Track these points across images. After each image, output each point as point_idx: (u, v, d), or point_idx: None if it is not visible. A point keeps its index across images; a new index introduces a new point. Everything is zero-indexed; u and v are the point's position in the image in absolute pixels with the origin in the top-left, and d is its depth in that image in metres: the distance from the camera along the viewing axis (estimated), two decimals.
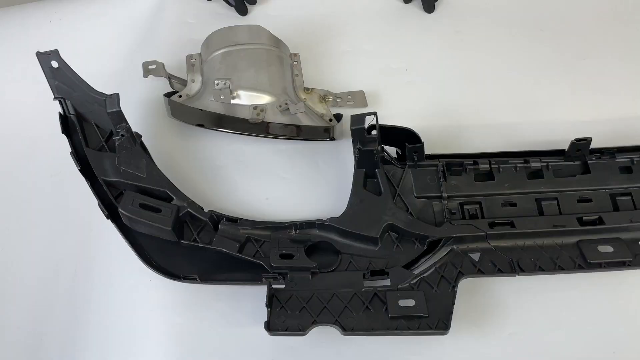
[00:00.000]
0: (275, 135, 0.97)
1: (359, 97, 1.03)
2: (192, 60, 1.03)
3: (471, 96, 1.05)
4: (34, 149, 1.06)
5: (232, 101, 0.96)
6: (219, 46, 1.00)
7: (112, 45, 1.15)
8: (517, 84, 1.06)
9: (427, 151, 0.91)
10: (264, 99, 0.96)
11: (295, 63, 1.06)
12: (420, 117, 1.02)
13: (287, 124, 0.96)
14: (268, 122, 0.95)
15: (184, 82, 1.01)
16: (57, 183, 1.01)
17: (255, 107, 0.95)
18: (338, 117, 1.00)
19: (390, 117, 1.01)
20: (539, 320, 0.84)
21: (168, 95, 0.99)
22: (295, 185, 0.96)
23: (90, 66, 1.07)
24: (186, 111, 0.97)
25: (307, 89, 1.03)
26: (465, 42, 1.12)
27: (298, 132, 0.97)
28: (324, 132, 0.97)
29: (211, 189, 0.95)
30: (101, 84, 1.05)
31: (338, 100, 1.03)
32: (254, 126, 0.95)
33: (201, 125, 0.97)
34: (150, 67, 0.98)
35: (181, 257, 0.86)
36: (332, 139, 0.97)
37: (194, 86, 1.00)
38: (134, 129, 0.97)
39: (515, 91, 1.05)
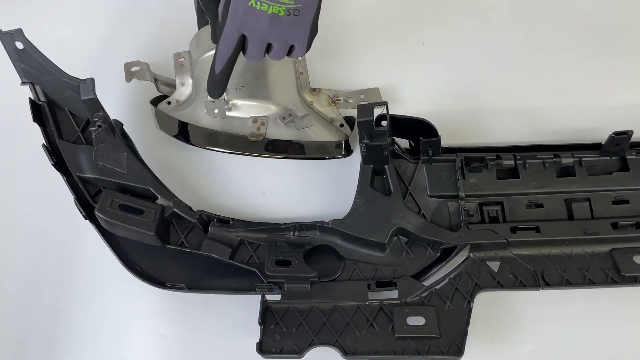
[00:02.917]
0: (276, 154, 0.83)
1: (373, 96, 0.89)
2: (181, 60, 0.87)
3: (495, 76, 0.93)
4: (15, 127, 0.97)
5: (228, 113, 0.82)
6: (211, 46, 0.82)
7: (96, 11, 1.03)
8: (548, 62, 0.93)
9: (444, 141, 0.80)
10: (264, 108, 0.82)
11: (299, 58, 0.89)
12: (436, 100, 0.92)
13: (291, 141, 0.82)
14: (269, 139, 0.81)
15: (173, 83, 0.87)
16: (42, 164, 0.93)
17: (254, 119, 0.82)
18: (350, 121, 0.87)
19: (402, 99, 0.92)
20: (563, 337, 0.76)
21: (155, 102, 0.85)
22: (295, 179, 0.86)
23: (71, 35, 0.99)
24: (174, 123, 0.83)
25: (314, 89, 0.88)
26: (490, 13, 0.98)
27: (305, 149, 0.83)
28: (335, 148, 0.84)
29: (202, 183, 0.86)
30: (83, 55, 0.96)
31: (350, 101, 0.88)
32: (252, 144, 0.81)
33: (185, 141, 0.82)
34: (133, 69, 0.84)
35: (168, 261, 0.78)
36: (347, 154, 0.84)
37: (185, 90, 0.86)
38: (116, 112, 0.88)
39: (545, 71, 0.93)
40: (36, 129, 0.84)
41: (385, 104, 0.75)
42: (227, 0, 0.68)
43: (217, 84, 0.74)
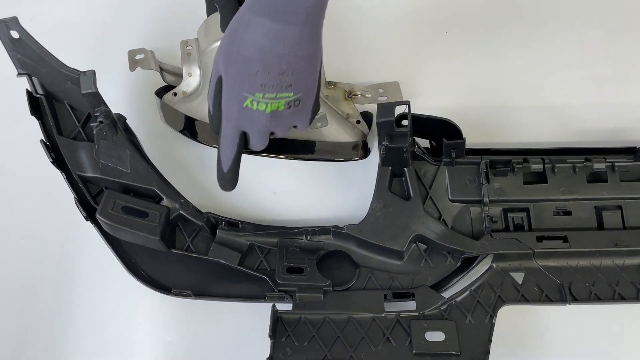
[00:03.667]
0: (288, 155, 0.78)
1: (392, 90, 0.83)
2: (188, 48, 0.80)
3: (524, 70, 0.86)
4: (15, 112, 0.92)
5: None
6: (221, 34, 0.74)
7: None
8: (581, 55, 0.87)
9: (467, 139, 0.75)
10: None
11: None
12: (459, 94, 0.86)
13: (305, 141, 0.77)
14: (281, 138, 0.76)
15: (180, 72, 0.81)
16: (41, 158, 0.88)
17: None
18: (367, 117, 0.81)
19: (423, 93, 0.87)
20: (588, 352, 0.72)
21: (161, 93, 0.79)
22: (307, 179, 0.81)
23: (70, 18, 0.93)
24: (180, 117, 0.78)
25: (329, 83, 0.82)
26: (519, 0, 0.92)
27: (320, 150, 0.78)
28: (352, 150, 0.78)
29: (210, 179, 0.80)
30: (83, 41, 0.91)
31: (367, 96, 0.82)
32: None
33: (192, 137, 0.77)
34: (137, 57, 0.78)
35: (174, 265, 0.74)
36: (365, 156, 0.79)
37: (192, 81, 0.80)
38: (119, 103, 0.83)
39: (578, 65, 0.87)
40: (35, 121, 0.79)
41: (407, 103, 0.70)
42: (216, 92, 0.62)
43: (229, 181, 0.67)
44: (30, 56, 0.70)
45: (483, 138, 0.82)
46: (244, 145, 0.65)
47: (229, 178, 0.66)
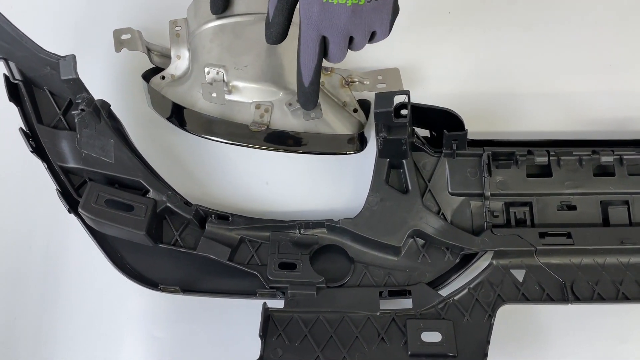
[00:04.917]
0: (280, 147, 0.73)
1: (392, 77, 0.78)
2: (177, 29, 0.76)
3: (531, 55, 0.82)
4: None
5: (227, 97, 0.72)
6: (211, 16, 0.73)
7: None
8: (590, 40, 0.83)
9: (469, 127, 0.71)
10: (269, 92, 0.72)
11: None
12: (462, 80, 0.82)
13: (299, 132, 0.73)
14: (273, 130, 0.72)
15: (168, 54, 0.77)
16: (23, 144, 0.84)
17: (257, 105, 0.72)
18: (365, 105, 0.77)
19: (424, 79, 0.83)
20: (591, 354, 0.70)
21: (148, 76, 0.76)
22: (301, 169, 0.78)
23: None
24: (168, 103, 0.74)
25: (325, 69, 0.77)
26: None
27: (314, 143, 0.74)
28: (347, 143, 0.74)
29: (199, 169, 0.78)
30: (64, 19, 0.86)
31: (366, 83, 0.78)
32: (254, 134, 0.72)
33: (180, 126, 0.74)
34: (123, 37, 0.74)
35: (161, 259, 0.71)
36: (361, 149, 0.75)
37: (181, 64, 0.76)
38: (103, 87, 0.80)
39: (587, 51, 0.82)
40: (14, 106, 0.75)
41: (407, 93, 0.66)
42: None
43: (310, 96, 0.65)
44: (5, 39, 0.66)
45: (486, 126, 0.78)
46: (324, 54, 0.63)
47: (310, 93, 0.65)
